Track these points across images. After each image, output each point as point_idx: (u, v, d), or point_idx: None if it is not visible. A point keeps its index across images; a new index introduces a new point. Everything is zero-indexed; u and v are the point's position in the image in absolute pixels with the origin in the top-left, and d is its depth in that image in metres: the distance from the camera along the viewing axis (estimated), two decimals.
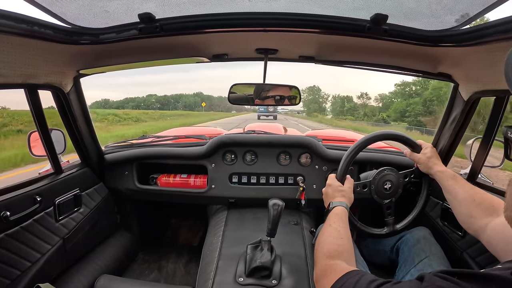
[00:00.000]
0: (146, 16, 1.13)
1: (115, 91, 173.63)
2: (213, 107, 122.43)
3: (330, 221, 1.21)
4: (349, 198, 1.37)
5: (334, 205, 1.31)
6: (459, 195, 1.23)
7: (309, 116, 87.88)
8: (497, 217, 1.06)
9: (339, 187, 1.39)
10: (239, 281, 1.24)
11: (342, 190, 1.38)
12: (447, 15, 1.08)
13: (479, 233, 1.11)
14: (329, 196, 1.38)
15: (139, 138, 2.37)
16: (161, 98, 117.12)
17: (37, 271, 1.37)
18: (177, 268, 2.24)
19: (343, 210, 1.27)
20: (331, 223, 1.19)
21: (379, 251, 1.63)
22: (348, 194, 1.38)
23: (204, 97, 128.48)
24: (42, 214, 1.41)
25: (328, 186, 1.42)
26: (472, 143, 1.61)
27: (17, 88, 1.25)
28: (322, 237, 1.13)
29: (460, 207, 1.22)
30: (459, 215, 1.23)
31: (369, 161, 1.91)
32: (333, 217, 1.23)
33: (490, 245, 1.05)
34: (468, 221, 1.17)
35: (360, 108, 78.56)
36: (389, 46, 1.28)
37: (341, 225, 1.17)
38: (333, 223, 1.18)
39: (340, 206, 1.29)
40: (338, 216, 1.23)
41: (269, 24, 1.18)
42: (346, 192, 1.38)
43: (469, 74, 1.38)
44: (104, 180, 1.98)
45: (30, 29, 0.97)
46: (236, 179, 1.95)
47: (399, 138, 1.48)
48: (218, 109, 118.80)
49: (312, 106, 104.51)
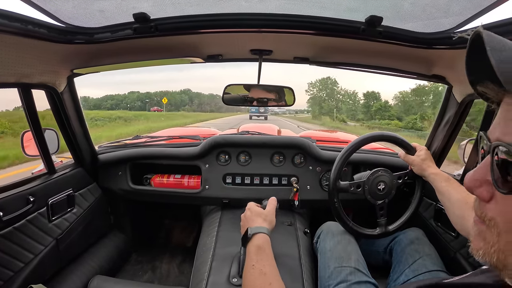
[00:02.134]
0: (141, 16, 1.12)
1: (103, 89, 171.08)
2: (202, 106, 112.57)
3: (251, 259, 1.05)
4: (270, 221, 1.24)
5: (252, 231, 1.15)
6: (452, 197, 1.24)
7: (317, 119, 62.34)
8: None
9: (258, 210, 1.28)
10: (232, 281, 1.24)
11: (262, 213, 1.26)
12: (441, 18, 1.08)
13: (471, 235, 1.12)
14: (248, 221, 1.25)
15: (133, 138, 2.36)
16: (143, 95, 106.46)
17: (30, 272, 1.36)
18: (171, 268, 2.24)
19: (265, 238, 1.13)
20: (253, 262, 1.03)
21: (373, 252, 1.63)
22: (269, 218, 1.26)
23: (192, 94, 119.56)
24: (35, 215, 1.40)
25: (247, 210, 1.31)
26: (466, 145, 1.62)
27: (10, 87, 1.24)
28: (246, 282, 1.00)
29: (454, 208, 1.23)
30: (452, 217, 1.25)
31: (363, 162, 1.92)
32: (254, 252, 1.07)
33: None
34: (461, 222, 1.18)
35: (393, 109, 55.81)
36: (384, 48, 1.28)
37: (266, 264, 1.03)
38: (256, 263, 1.03)
39: (260, 233, 1.14)
40: (260, 250, 1.08)
41: (264, 25, 1.18)
42: (267, 216, 1.26)
43: (462, 76, 1.38)
44: (97, 180, 1.97)
45: (24, 27, 0.96)
46: (230, 179, 1.95)
47: (393, 140, 1.49)
48: (207, 108, 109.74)
49: (326, 104, 74.95)
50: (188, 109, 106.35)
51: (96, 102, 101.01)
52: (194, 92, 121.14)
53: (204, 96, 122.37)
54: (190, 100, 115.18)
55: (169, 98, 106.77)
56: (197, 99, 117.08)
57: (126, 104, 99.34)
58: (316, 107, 78.25)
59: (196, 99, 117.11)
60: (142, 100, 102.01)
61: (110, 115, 36.71)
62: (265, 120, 34.11)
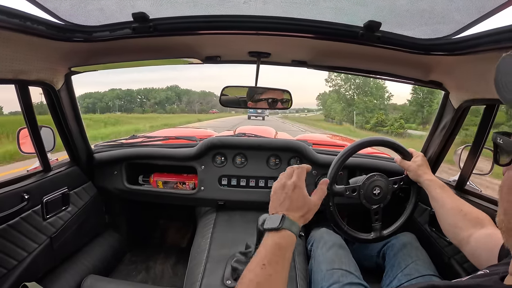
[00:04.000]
0: (140, 16, 1.12)
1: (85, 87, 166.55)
2: (191, 105, 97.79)
3: (264, 257, 0.77)
4: (306, 220, 0.89)
5: (285, 225, 0.82)
6: (446, 204, 1.26)
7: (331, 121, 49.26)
8: (481, 228, 1.10)
9: (306, 200, 0.90)
10: (226, 283, 1.24)
11: (307, 207, 0.89)
12: (439, 24, 1.09)
13: (462, 243, 1.14)
14: (285, 205, 0.88)
15: (129, 137, 2.36)
16: (124, 93, 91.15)
17: (23, 270, 1.35)
18: (165, 269, 2.23)
19: (292, 241, 0.82)
20: (265, 261, 0.76)
21: (366, 256, 1.64)
22: (309, 216, 0.90)
23: (180, 91, 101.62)
24: (29, 212, 1.39)
25: (296, 187, 0.90)
26: (461, 151, 1.63)
27: (7, 84, 1.23)
28: (244, 279, 0.75)
29: (447, 216, 1.24)
30: (444, 224, 1.26)
31: (358, 167, 1.92)
32: (272, 249, 0.79)
33: (473, 255, 1.08)
34: (453, 230, 1.20)
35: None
36: (382, 53, 1.29)
37: (279, 270, 0.77)
38: (269, 264, 0.76)
39: (291, 231, 0.82)
40: (282, 251, 0.79)
41: (263, 28, 1.18)
42: (309, 213, 0.90)
43: (460, 82, 1.40)
44: (93, 179, 1.97)
45: (22, 24, 0.96)
46: (226, 181, 1.96)
47: (390, 145, 1.50)
48: (197, 107, 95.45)
49: (361, 103, 46.86)
50: (174, 109, 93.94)
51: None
52: (182, 88, 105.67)
53: (195, 93, 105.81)
54: (177, 98, 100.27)
55: (154, 96, 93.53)
56: (186, 96, 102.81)
57: (105, 103, 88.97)
58: (339, 104, 51.67)
59: (185, 97, 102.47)
60: (122, 99, 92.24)
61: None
62: (263, 120, 34.94)
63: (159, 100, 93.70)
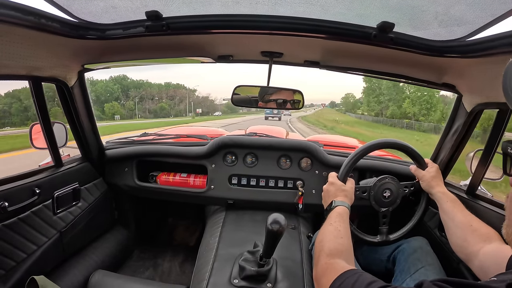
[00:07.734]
0: (153, 14, 1.13)
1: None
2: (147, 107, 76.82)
3: (331, 219, 1.22)
4: (350, 199, 1.37)
5: (336, 204, 1.31)
6: (456, 218, 1.27)
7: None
8: (490, 243, 1.11)
9: (341, 186, 1.39)
10: (234, 283, 1.24)
11: (345, 190, 1.38)
12: (453, 26, 1.08)
13: (470, 257, 1.15)
14: (330, 195, 1.38)
15: (140, 135, 2.38)
16: (110, 88, 71.17)
17: (32, 263, 1.37)
18: (173, 267, 2.24)
19: (345, 210, 1.28)
20: (332, 222, 1.20)
21: (375, 260, 1.62)
22: (350, 195, 1.38)
23: (175, 87, 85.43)
24: (40, 207, 1.41)
25: (330, 184, 1.42)
26: (473, 156, 1.60)
27: (21, 80, 1.26)
28: (322, 236, 1.15)
29: (456, 230, 1.26)
30: (453, 237, 1.27)
31: (369, 169, 1.90)
32: (334, 216, 1.24)
33: (481, 269, 1.09)
34: (461, 244, 1.21)
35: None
36: (395, 55, 1.28)
37: (341, 225, 1.18)
38: (334, 222, 1.19)
39: (342, 206, 1.30)
40: (340, 215, 1.24)
41: (275, 27, 1.18)
42: (348, 192, 1.38)
43: (473, 85, 1.37)
44: (103, 175, 1.99)
45: (37, 21, 0.97)
46: (236, 180, 1.95)
47: (408, 151, 1.49)
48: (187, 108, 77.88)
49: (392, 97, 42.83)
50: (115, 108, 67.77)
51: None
52: (175, 83, 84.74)
53: (154, 86, 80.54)
54: (123, 94, 74.41)
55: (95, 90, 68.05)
56: (133, 90, 75.61)
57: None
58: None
59: (133, 91, 75.14)
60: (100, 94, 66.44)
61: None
62: (279, 120, 35.38)
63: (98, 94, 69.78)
